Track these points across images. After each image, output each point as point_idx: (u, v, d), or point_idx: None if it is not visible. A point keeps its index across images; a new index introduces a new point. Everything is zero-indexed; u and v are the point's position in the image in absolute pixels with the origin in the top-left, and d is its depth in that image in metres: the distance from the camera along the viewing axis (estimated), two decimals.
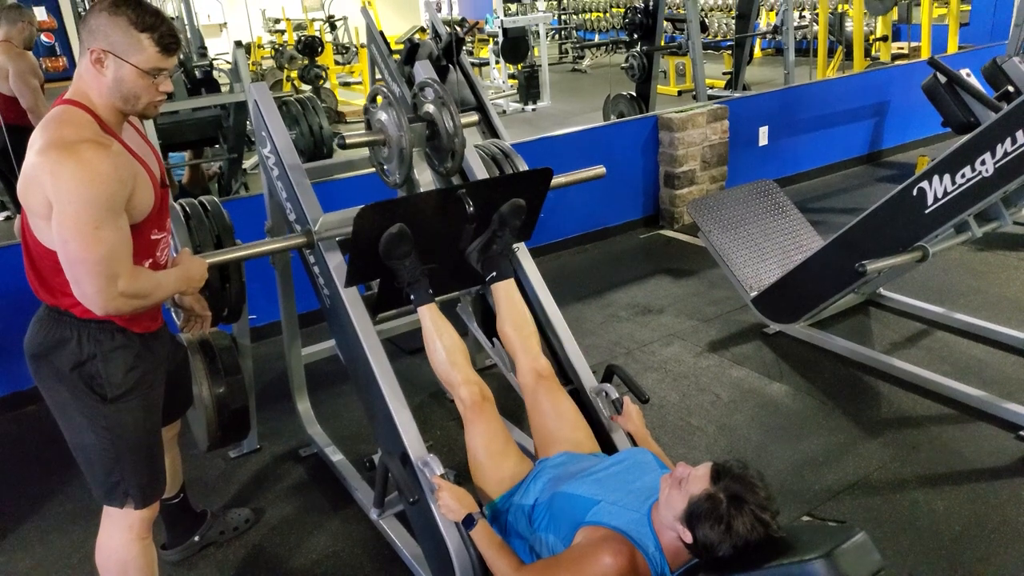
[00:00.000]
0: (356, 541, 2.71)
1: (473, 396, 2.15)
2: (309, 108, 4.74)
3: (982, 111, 3.11)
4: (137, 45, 1.76)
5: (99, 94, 1.80)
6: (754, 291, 3.89)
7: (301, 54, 10.41)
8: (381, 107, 2.40)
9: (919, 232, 3.10)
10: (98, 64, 1.77)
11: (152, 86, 1.82)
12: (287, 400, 3.36)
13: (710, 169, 5.70)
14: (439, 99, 2.41)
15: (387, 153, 2.44)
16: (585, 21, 16.36)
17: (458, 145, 2.40)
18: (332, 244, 2.37)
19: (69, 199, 1.68)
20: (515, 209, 2.33)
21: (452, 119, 2.38)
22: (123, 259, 1.76)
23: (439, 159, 2.52)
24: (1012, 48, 5.09)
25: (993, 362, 3.54)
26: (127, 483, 2.01)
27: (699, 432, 3.19)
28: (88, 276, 1.72)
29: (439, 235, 2.30)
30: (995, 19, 8.74)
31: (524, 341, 2.32)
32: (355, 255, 2.22)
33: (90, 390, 1.91)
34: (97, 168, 1.69)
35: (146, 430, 2.03)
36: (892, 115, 6.93)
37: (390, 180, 2.49)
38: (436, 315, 2.25)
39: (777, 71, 9.38)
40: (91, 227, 1.68)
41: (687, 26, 6.90)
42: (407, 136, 2.34)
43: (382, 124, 2.40)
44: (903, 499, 2.72)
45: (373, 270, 2.28)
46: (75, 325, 1.89)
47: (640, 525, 1.83)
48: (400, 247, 2.18)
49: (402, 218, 2.17)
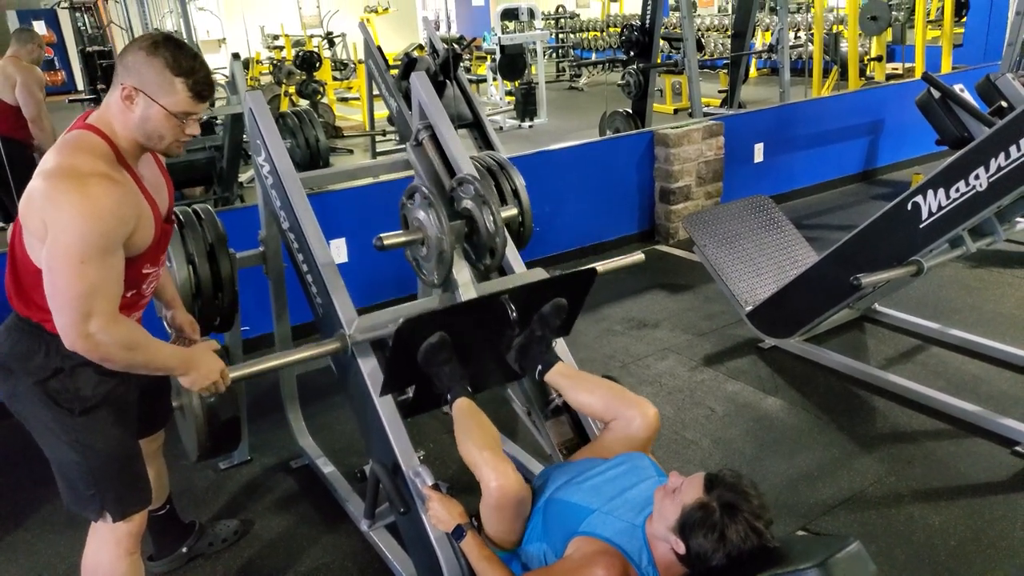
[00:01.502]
0: (346, 553, 2.68)
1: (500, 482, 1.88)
2: (306, 121, 4.77)
3: (976, 126, 3.13)
4: (170, 88, 1.76)
5: (124, 127, 1.79)
6: (749, 306, 3.88)
7: (299, 69, 10.45)
8: (419, 205, 2.25)
9: (914, 246, 3.10)
10: (128, 100, 1.76)
11: (178, 128, 1.81)
12: (278, 411, 3.34)
13: (705, 185, 5.72)
14: (479, 197, 2.26)
15: (425, 252, 2.29)
16: (582, 40, 16.48)
17: (499, 244, 2.24)
18: (366, 348, 2.24)
19: (63, 229, 1.66)
20: (557, 309, 2.25)
21: (493, 217, 2.23)
22: (102, 298, 1.71)
23: (478, 256, 2.36)
24: (1005, 66, 5.13)
25: (988, 378, 3.53)
26: (103, 495, 1.98)
27: (693, 446, 3.17)
28: (63, 308, 1.70)
29: (478, 338, 2.20)
30: (988, 40, 8.80)
31: (617, 395, 2.14)
32: (393, 365, 2.11)
33: (56, 404, 1.89)
34: (100, 204, 1.68)
35: (120, 442, 2.00)
36: (887, 134, 6.96)
37: (428, 280, 2.34)
38: (471, 407, 2.09)
39: (772, 91, 9.44)
40: (77, 261, 1.66)
41: (683, 44, 6.94)
42: (448, 239, 2.16)
43: (420, 222, 2.25)
44: (898, 514, 2.70)
45: (410, 377, 2.17)
46: (44, 338, 1.86)
47: (634, 537, 1.81)
48: (440, 355, 2.09)
49: (442, 326, 2.08)
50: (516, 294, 2.16)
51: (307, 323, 3.05)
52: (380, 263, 3.52)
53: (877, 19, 8.24)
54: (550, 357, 2.24)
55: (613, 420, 2.11)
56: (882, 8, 8.36)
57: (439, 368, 2.11)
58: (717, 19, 15.19)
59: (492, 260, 2.29)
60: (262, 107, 2.59)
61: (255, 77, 12.41)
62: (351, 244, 4.35)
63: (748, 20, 8.35)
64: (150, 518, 2.49)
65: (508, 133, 9.71)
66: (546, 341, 2.26)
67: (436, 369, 2.11)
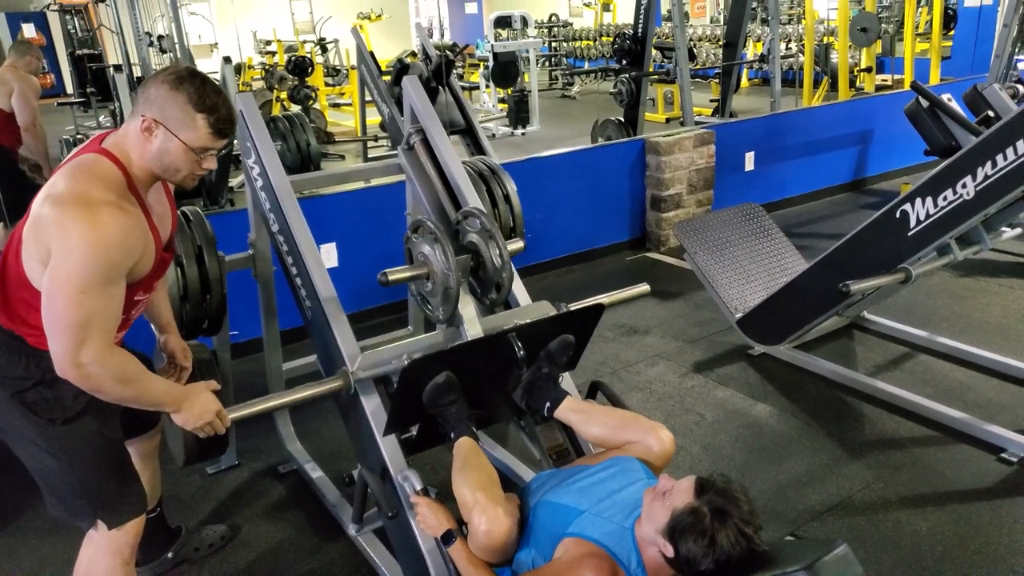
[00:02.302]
0: (334, 559, 2.67)
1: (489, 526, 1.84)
2: (297, 125, 4.77)
3: (963, 135, 3.15)
4: (191, 123, 1.75)
5: (140, 157, 1.78)
6: (739, 313, 3.89)
7: (291, 74, 10.45)
8: (424, 240, 2.20)
9: (902, 254, 3.12)
10: (147, 132, 1.75)
11: (195, 163, 1.81)
12: (267, 416, 3.31)
13: (696, 193, 5.74)
14: (485, 232, 2.21)
15: (431, 287, 2.23)
16: (575, 49, 16.53)
17: (506, 280, 2.19)
18: (368, 385, 2.20)
19: (68, 256, 1.65)
20: (564, 346, 2.22)
21: (500, 251, 2.17)
22: (97, 329, 1.69)
23: (483, 290, 2.30)
24: (993, 77, 5.17)
25: (975, 385, 3.55)
26: (94, 504, 1.96)
27: (683, 452, 3.17)
28: (59, 336, 1.68)
29: (485, 376, 2.16)
30: (976, 53, 8.87)
31: (630, 421, 2.11)
32: (398, 405, 2.07)
33: (35, 414, 1.87)
34: (108, 234, 1.66)
35: (107, 449, 1.98)
36: (876, 143, 7.01)
37: (434, 315, 2.29)
38: (474, 446, 2.06)
39: (763, 101, 9.48)
40: (77, 289, 1.65)
41: (675, 54, 6.97)
42: (454, 276, 2.10)
43: (425, 257, 2.20)
44: (886, 519, 2.71)
45: (415, 416, 2.13)
46: (25, 351, 1.85)
47: (622, 539, 1.80)
48: (447, 395, 2.06)
49: (450, 365, 2.03)
50: (523, 331, 2.12)
51: (296, 328, 3.04)
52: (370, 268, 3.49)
53: (867, 31, 8.30)
54: (558, 394, 2.19)
55: (627, 444, 2.08)
56: (872, 20, 8.43)
57: (446, 408, 2.07)
58: (709, 29, 15.26)
59: (498, 295, 2.23)
60: (252, 109, 2.59)
61: (247, 82, 12.39)
62: (341, 249, 4.34)
63: (740, 31, 8.41)
64: None
65: (500, 140, 9.72)
66: (553, 378, 2.21)
67: (443, 409, 2.07)
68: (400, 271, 2.18)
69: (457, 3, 20.01)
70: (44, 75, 10.11)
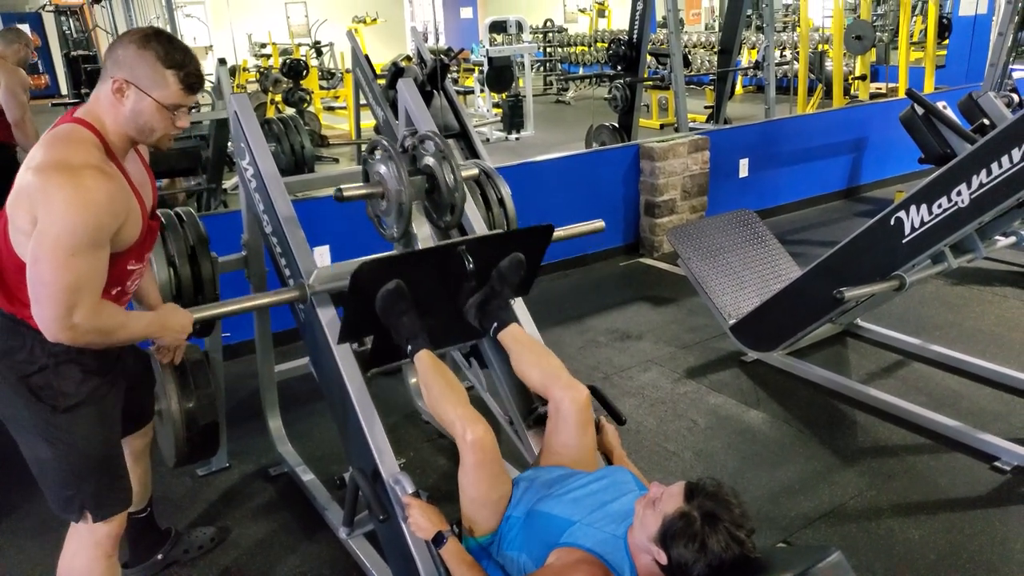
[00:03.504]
0: (324, 561, 2.65)
1: (477, 433, 1.92)
2: (291, 127, 4.75)
3: (958, 143, 3.16)
4: (162, 81, 1.76)
5: (114, 121, 1.79)
6: (732, 319, 3.89)
7: (286, 77, 10.43)
8: (380, 159, 2.31)
9: (897, 261, 3.12)
10: (118, 93, 1.76)
11: (169, 121, 1.82)
12: (258, 418, 3.31)
13: (690, 199, 5.74)
14: (439, 152, 2.32)
15: (385, 206, 2.34)
16: (570, 55, 16.55)
17: (458, 200, 2.30)
18: (325, 298, 2.28)
19: (54, 220, 1.66)
20: (515, 264, 2.26)
21: (453, 173, 2.29)
22: (88, 291, 1.72)
23: (438, 213, 2.41)
24: (987, 85, 5.19)
25: (968, 393, 3.55)
26: (83, 495, 1.96)
27: (675, 457, 3.16)
28: (48, 300, 1.69)
29: (437, 291, 2.21)
30: (971, 62, 8.91)
31: (555, 373, 2.17)
32: (351, 312, 2.13)
33: (39, 400, 1.87)
34: (92, 197, 1.67)
35: (102, 441, 1.98)
36: (870, 151, 7.03)
37: (387, 233, 2.39)
38: (433, 359, 2.12)
39: (758, 108, 9.52)
40: (66, 253, 1.66)
41: (670, 60, 6.97)
42: (407, 191, 2.23)
43: (381, 176, 2.30)
44: (878, 527, 2.71)
45: (368, 327, 2.19)
46: (29, 335, 1.85)
47: (615, 548, 1.79)
48: (398, 304, 2.10)
49: (400, 274, 2.09)
50: (473, 246, 2.19)
51: (290, 329, 3.03)
52: None
53: (862, 39, 8.34)
54: (507, 316, 2.27)
55: (548, 399, 2.16)
56: (866, 28, 8.46)
57: (398, 318, 2.12)
58: (704, 36, 15.31)
59: (452, 216, 2.35)
60: (247, 110, 2.58)
61: (241, 85, 12.37)
62: (335, 251, 4.33)
63: (735, 37, 8.41)
64: (130, 521, 2.46)
65: (495, 145, 9.72)
66: (504, 297, 2.28)
67: (394, 319, 2.12)
68: (355, 187, 2.32)
69: (452, 7, 20.05)
70: (39, 76, 10.06)
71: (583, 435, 2.12)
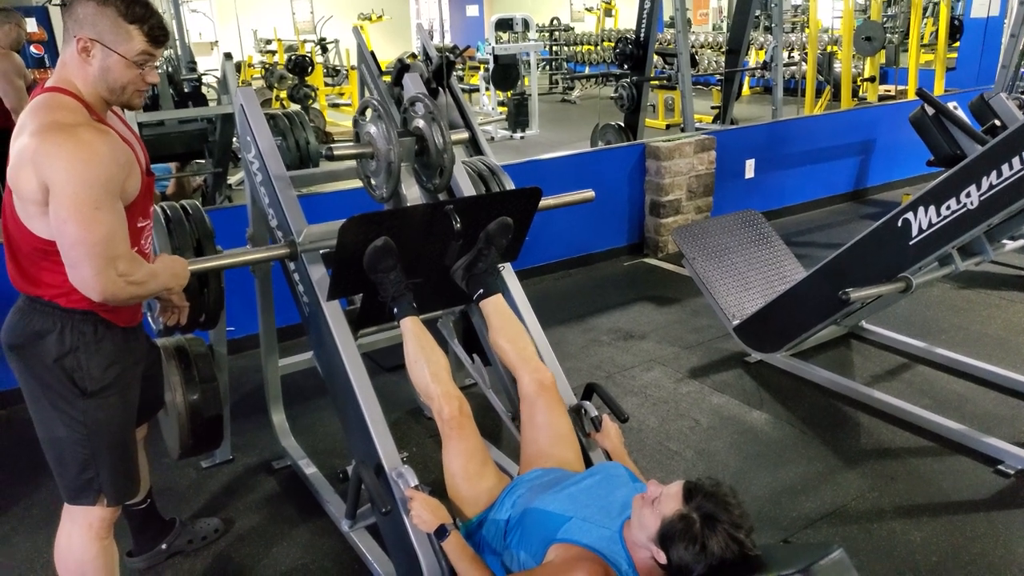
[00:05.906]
0: (326, 554, 2.66)
1: (453, 411, 2.07)
2: (296, 123, 4.73)
3: (968, 144, 3.15)
4: (126, 36, 1.75)
5: (84, 82, 1.78)
6: (736, 319, 3.89)
7: (291, 73, 10.44)
8: (370, 120, 2.36)
9: (903, 263, 3.11)
10: (84, 53, 1.75)
11: (138, 76, 1.81)
12: (262, 412, 3.31)
13: (696, 199, 5.73)
14: (429, 114, 2.37)
15: (375, 166, 2.39)
16: (576, 53, 16.54)
17: (447, 161, 2.35)
18: (315, 256, 2.32)
19: (67, 179, 1.65)
20: (502, 227, 2.30)
21: (442, 135, 2.34)
22: (121, 241, 1.73)
23: (427, 175, 2.47)
24: (999, 87, 5.17)
25: (973, 397, 3.54)
26: (101, 479, 1.97)
27: (677, 456, 3.16)
28: (87, 258, 1.68)
29: (425, 251, 2.25)
30: (982, 64, 8.87)
31: (522, 351, 2.27)
32: (339, 268, 2.17)
33: (71, 383, 1.87)
34: (96, 149, 1.68)
35: (122, 427, 1.99)
36: (878, 153, 7.00)
37: (376, 194, 2.44)
38: (419, 328, 2.19)
39: (765, 109, 9.49)
40: (90, 208, 1.65)
41: (677, 59, 6.98)
42: (396, 150, 2.28)
43: (371, 137, 2.35)
44: (880, 528, 2.70)
45: (356, 284, 2.23)
46: (58, 316, 1.85)
47: (612, 543, 1.80)
48: (385, 260, 2.14)
49: (388, 231, 2.12)
50: (461, 205, 2.23)
51: (294, 324, 3.04)
52: None
53: (872, 40, 8.31)
54: (493, 284, 2.33)
55: (516, 379, 2.26)
56: (877, 29, 8.44)
57: (384, 275, 2.16)
58: (711, 36, 15.29)
59: (440, 179, 2.39)
60: (253, 104, 2.58)
61: (247, 80, 12.37)
62: None
63: (743, 38, 8.41)
64: (130, 513, 2.47)
65: (500, 143, 9.72)
66: (492, 260, 2.33)
67: (381, 276, 2.16)
68: (346, 147, 2.37)
69: (458, 5, 20.05)
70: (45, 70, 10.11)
71: (550, 414, 2.20)
